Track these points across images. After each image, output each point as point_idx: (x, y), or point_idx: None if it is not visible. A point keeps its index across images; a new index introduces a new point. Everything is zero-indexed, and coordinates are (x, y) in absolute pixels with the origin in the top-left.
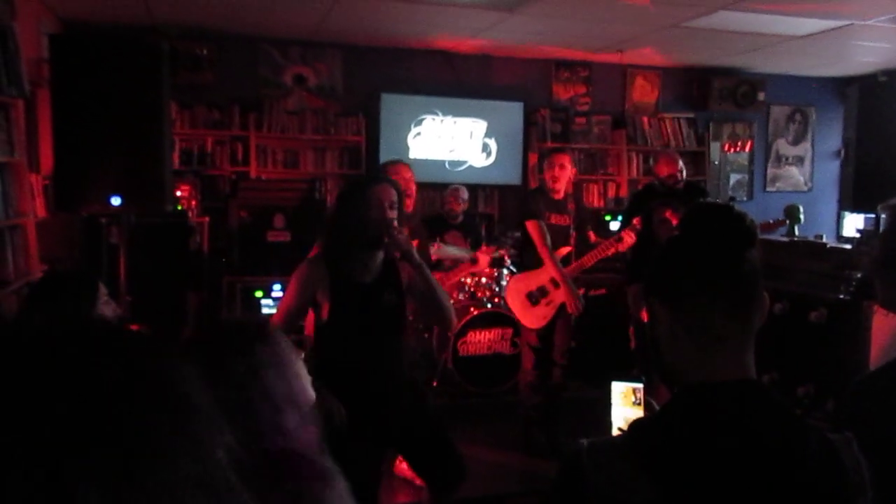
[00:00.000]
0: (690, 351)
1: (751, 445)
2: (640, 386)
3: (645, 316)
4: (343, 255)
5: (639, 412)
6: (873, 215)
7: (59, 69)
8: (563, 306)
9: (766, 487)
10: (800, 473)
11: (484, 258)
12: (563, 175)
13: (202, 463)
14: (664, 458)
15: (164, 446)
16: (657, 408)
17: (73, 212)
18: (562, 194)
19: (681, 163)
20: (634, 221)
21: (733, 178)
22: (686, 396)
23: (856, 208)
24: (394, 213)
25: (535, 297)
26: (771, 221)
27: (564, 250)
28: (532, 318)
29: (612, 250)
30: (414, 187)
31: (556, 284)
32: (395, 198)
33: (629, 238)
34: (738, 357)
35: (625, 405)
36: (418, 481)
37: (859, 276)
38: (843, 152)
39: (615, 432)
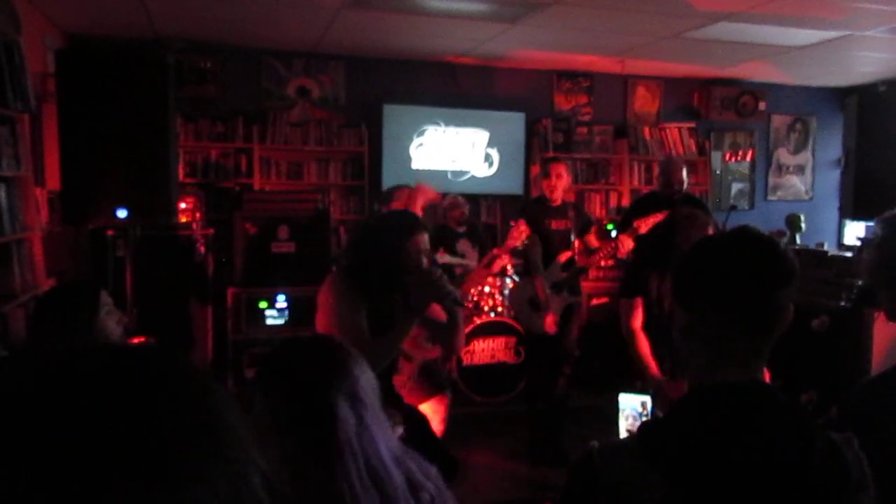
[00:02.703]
0: (701, 352)
1: (758, 443)
2: (648, 399)
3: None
4: (377, 288)
5: None
6: (874, 223)
7: (65, 83)
8: (567, 308)
9: (774, 483)
10: (806, 470)
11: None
12: (560, 184)
13: (237, 485)
14: (674, 456)
15: (202, 467)
16: None
17: (80, 225)
18: (559, 202)
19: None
20: (635, 224)
21: (735, 187)
22: (695, 397)
23: (856, 216)
24: (428, 261)
25: (540, 304)
26: (772, 233)
27: (566, 255)
28: (538, 325)
29: (610, 255)
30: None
31: (558, 290)
32: (427, 244)
33: (626, 243)
34: (747, 364)
35: (632, 417)
36: None
37: (860, 283)
38: (843, 161)
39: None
